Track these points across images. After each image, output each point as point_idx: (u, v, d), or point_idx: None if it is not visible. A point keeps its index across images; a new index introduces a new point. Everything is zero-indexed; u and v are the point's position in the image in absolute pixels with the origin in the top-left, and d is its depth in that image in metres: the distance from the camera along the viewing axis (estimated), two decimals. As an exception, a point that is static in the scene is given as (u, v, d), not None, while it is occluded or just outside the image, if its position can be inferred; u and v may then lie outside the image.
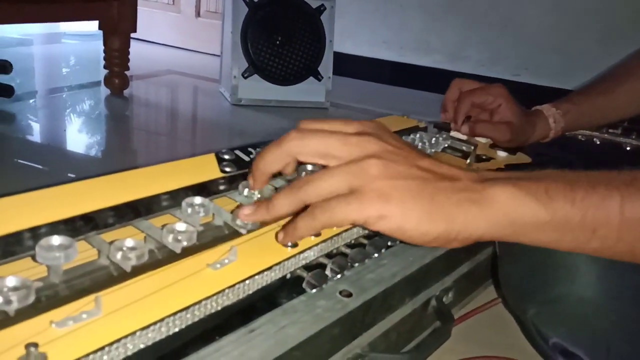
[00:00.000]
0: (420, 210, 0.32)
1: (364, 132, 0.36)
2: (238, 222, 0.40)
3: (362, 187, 0.33)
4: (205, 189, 0.44)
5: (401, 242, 0.40)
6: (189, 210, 0.40)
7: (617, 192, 0.32)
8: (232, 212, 0.42)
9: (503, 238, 0.34)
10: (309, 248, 0.41)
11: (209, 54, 2.29)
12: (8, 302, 0.28)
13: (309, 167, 0.49)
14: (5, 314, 0.28)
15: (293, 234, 0.37)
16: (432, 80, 1.99)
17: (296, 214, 0.36)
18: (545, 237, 0.33)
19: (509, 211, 0.32)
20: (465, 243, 0.34)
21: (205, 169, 0.46)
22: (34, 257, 0.32)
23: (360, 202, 0.33)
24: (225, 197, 0.46)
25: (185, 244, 0.36)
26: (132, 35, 1.52)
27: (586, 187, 0.32)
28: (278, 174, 0.41)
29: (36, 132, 1.29)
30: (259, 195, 0.44)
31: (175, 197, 0.42)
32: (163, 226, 0.37)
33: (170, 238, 0.36)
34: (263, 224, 0.41)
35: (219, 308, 0.34)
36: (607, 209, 0.32)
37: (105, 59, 1.51)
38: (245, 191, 0.45)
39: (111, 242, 0.35)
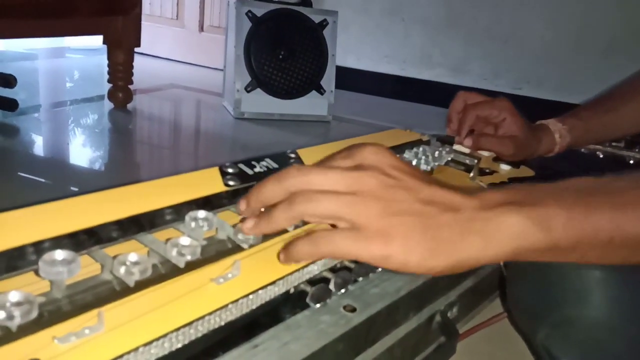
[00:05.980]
0: (423, 248, 0.33)
1: (363, 165, 0.36)
2: (240, 236, 0.40)
3: (364, 226, 0.34)
4: (209, 202, 0.44)
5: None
6: (193, 224, 0.40)
7: (610, 217, 0.33)
8: (234, 226, 0.41)
9: (503, 261, 0.36)
10: (313, 262, 0.40)
11: (212, 68, 2.31)
12: (11, 317, 0.28)
13: None
14: (8, 329, 0.28)
15: (294, 256, 0.37)
16: (435, 93, 2.00)
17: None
18: (538, 258, 0.35)
19: (513, 240, 0.33)
20: (469, 269, 0.35)
21: (209, 182, 0.46)
22: (37, 272, 0.32)
23: (366, 241, 0.33)
24: (229, 211, 0.46)
25: (189, 258, 0.36)
26: (136, 49, 1.53)
27: (583, 212, 0.33)
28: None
29: (40, 146, 1.30)
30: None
31: (179, 211, 0.42)
32: (167, 240, 0.37)
33: (174, 252, 0.36)
34: (265, 236, 0.42)
35: (222, 323, 0.34)
36: (597, 236, 0.33)
37: (109, 73, 1.52)
38: None
39: (114, 257, 0.34)
